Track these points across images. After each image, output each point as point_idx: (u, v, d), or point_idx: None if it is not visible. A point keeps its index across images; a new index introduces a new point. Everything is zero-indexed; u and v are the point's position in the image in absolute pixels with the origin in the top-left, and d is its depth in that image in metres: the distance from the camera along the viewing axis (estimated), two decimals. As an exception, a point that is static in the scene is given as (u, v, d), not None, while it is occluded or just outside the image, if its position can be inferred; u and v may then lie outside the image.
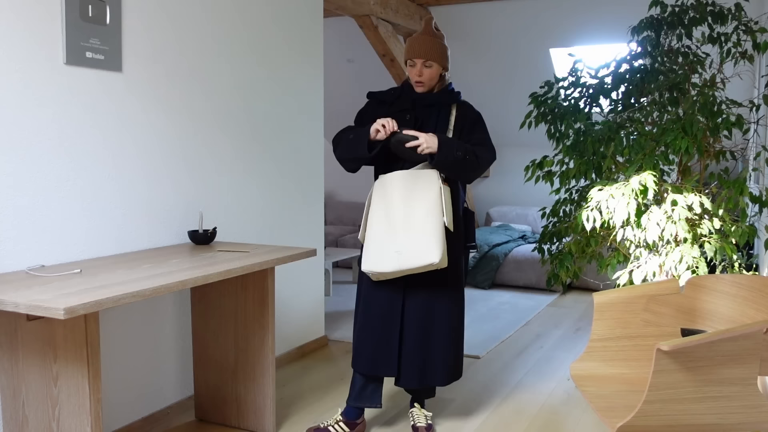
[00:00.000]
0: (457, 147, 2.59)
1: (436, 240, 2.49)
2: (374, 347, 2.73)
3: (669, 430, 1.87)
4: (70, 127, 2.52)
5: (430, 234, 2.50)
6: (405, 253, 2.51)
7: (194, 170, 3.12)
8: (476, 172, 2.67)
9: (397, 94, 2.79)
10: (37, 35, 2.38)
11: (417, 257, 2.49)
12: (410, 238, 2.51)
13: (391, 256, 2.53)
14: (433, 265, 2.48)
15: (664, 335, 2.43)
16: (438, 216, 2.53)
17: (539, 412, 3.16)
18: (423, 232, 2.51)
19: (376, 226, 2.61)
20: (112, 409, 2.77)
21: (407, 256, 2.50)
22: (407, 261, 2.50)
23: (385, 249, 2.55)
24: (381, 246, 2.56)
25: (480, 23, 6.16)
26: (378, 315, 2.73)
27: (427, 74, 2.68)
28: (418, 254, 2.49)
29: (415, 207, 2.55)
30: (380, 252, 2.56)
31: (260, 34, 3.51)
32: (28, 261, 2.39)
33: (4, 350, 2.20)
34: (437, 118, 2.74)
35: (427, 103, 2.74)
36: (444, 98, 2.75)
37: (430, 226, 2.51)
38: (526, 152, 7.50)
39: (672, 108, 3.46)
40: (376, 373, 2.74)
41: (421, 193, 2.57)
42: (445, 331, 2.75)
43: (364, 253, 2.61)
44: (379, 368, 2.73)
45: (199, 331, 2.97)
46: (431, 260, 2.47)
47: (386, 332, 2.72)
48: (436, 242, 2.49)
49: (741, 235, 3.13)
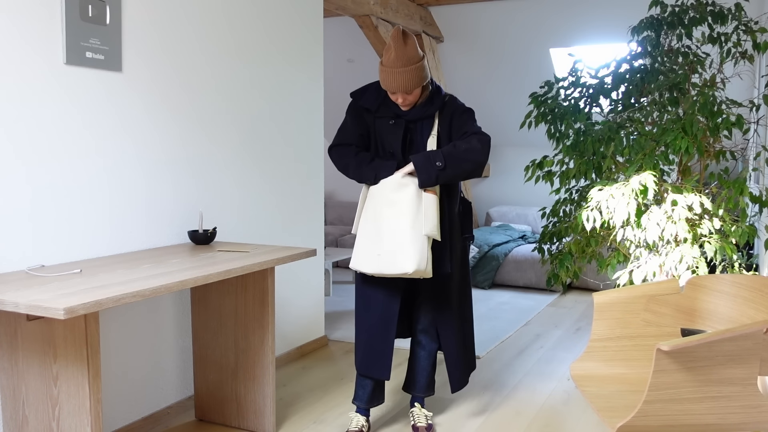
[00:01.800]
0: (435, 158, 2.55)
1: (413, 251, 2.49)
2: (369, 348, 2.74)
3: (669, 430, 1.87)
4: (70, 127, 2.52)
5: (409, 244, 2.50)
6: (384, 257, 2.53)
7: (194, 170, 3.12)
8: (474, 165, 2.59)
9: (381, 99, 2.72)
10: (37, 35, 2.38)
11: (392, 264, 2.51)
12: (390, 244, 2.53)
13: (372, 258, 2.55)
14: (407, 274, 2.49)
15: (664, 335, 2.43)
16: (417, 227, 2.53)
17: (539, 412, 3.16)
18: (402, 240, 2.51)
19: (366, 226, 2.63)
20: (112, 409, 2.77)
21: (385, 260, 2.52)
22: (384, 266, 2.52)
23: (369, 250, 2.57)
24: (366, 247, 2.59)
25: (480, 23, 6.16)
26: (375, 315, 2.74)
27: (411, 98, 2.62)
28: (394, 261, 2.51)
29: (400, 215, 2.55)
30: (365, 252, 2.58)
31: (260, 34, 3.51)
32: (28, 261, 2.39)
33: (4, 350, 2.20)
34: (422, 127, 2.71)
35: (411, 118, 2.69)
36: (428, 111, 2.68)
37: (411, 236, 2.51)
38: (526, 152, 7.50)
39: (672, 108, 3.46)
40: (368, 374, 2.75)
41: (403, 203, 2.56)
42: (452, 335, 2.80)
43: (354, 251, 2.65)
44: (371, 370, 2.74)
45: (199, 330, 2.97)
46: (405, 269, 2.48)
47: (382, 335, 2.72)
48: (413, 253, 2.49)
49: (741, 235, 3.13)
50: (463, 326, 2.88)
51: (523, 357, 4.02)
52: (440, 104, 2.69)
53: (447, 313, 2.79)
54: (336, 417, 3.08)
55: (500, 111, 7.08)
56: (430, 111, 2.68)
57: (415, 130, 2.72)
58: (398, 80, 2.55)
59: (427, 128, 2.71)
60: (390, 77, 2.55)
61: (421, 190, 2.58)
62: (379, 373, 2.73)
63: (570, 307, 5.35)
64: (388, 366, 2.72)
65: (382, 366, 2.73)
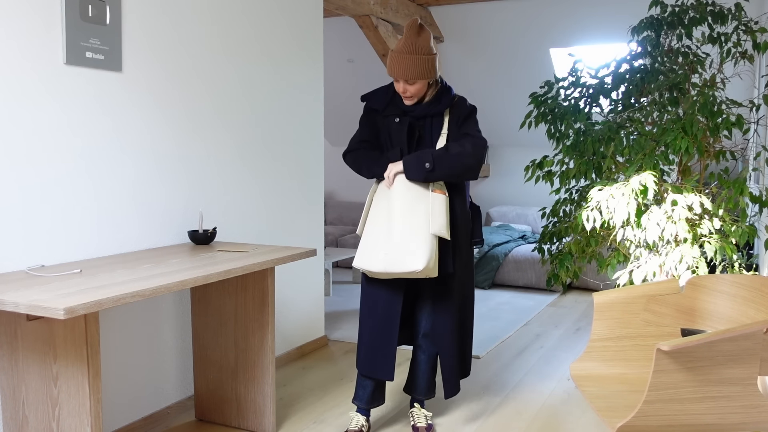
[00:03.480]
0: (424, 159, 2.56)
1: (422, 249, 2.49)
2: (372, 349, 2.74)
3: (669, 430, 1.87)
4: (70, 127, 2.52)
5: (418, 242, 2.50)
6: (392, 255, 2.52)
7: (194, 170, 3.12)
8: (463, 168, 2.58)
9: (389, 99, 2.73)
10: (37, 35, 2.38)
11: (401, 263, 2.50)
12: (399, 243, 2.52)
13: (379, 257, 2.54)
14: (416, 272, 2.49)
15: (664, 335, 2.43)
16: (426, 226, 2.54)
17: (539, 412, 3.16)
18: (411, 239, 2.51)
19: (374, 225, 2.63)
20: (112, 409, 2.77)
21: (393, 259, 2.51)
22: (392, 265, 2.51)
23: (376, 249, 2.56)
24: (374, 245, 2.58)
25: (480, 23, 6.16)
26: (378, 316, 2.74)
27: (412, 90, 2.61)
28: (403, 260, 2.50)
29: (410, 214, 2.55)
30: (371, 251, 2.57)
31: (260, 34, 3.51)
32: (28, 261, 2.39)
33: (4, 350, 2.20)
34: (431, 126, 2.71)
35: (417, 115, 2.69)
36: (434, 109, 2.68)
37: (421, 235, 2.52)
38: (526, 152, 7.50)
39: (672, 108, 3.46)
40: (372, 375, 2.75)
41: (415, 202, 2.58)
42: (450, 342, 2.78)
43: (358, 249, 2.64)
44: (375, 371, 2.74)
45: (199, 330, 2.97)
46: (414, 267, 2.48)
47: (385, 335, 2.72)
48: (422, 251, 2.49)
49: (741, 235, 3.13)
50: (462, 333, 2.88)
51: (523, 357, 4.02)
52: (448, 104, 2.69)
53: (447, 318, 2.77)
54: (336, 417, 3.08)
55: (500, 111, 7.08)
56: (437, 109, 2.68)
57: (424, 129, 2.72)
58: (401, 65, 2.55)
59: (437, 127, 2.71)
60: (394, 61, 2.57)
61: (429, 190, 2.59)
62: (383, 374, 2.73)
63: (570, 307, 5.35)
64: (392, 367, 2.72)
65: (385, 367, 2.73)
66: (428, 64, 2.56)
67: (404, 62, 2.54)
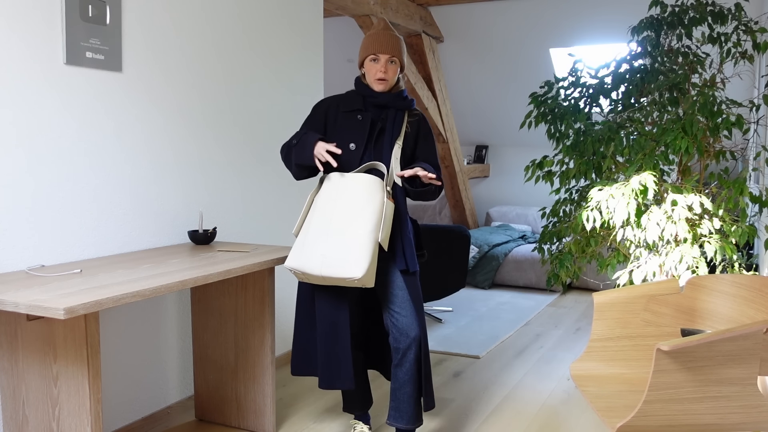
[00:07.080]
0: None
1: (364, 255, 2.32)
2: (326, 360, 2.52)
3: (669, 430, 1.87)
4: (70, 127, 2.52)
5: (361, 248, 2.33)
6: (330, 258, 2.35)
7: (194, 170, 3.12)
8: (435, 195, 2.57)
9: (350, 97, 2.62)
10: (37, 35, 2.38)
11: (339, 267, 2.33)
12: (339, 245, 2.36)
13: (317, 258, 2.37)
14: (354, 279, 2.31)
15: (664, 335, 2.43)
16: (374, 232, 2.37)
17: (539, 412, 3.16)
18: (353, 243, 2.34)
19: (313, 224, 2.45)
20: (112, 409, 2.77)
21: (331, 262, 2.34)
22: (329, 268, 2.34)
23: (314, 249, 2.39)
24: (312, 245, 2.40)
25: (480, 23, 6.16)
26: (325, 323, 2.52)
27: (391, 71, 2.52)
28: (342, 264, 2.33)
29: (355, 216, 2.38)
30: (308, 250, 2.41)
31: (260, 35, 3.51)
32: (28, 261, 2.39)
33: (4, 350, 2.20)
34: (393, 123, 2.56)
35: (380, 102, 2.54)
36: (399, 102, 2.56)
37: (364, 240, 2.34)
38: (526, 152, 7.50)
39: (672, 108, 3.46)
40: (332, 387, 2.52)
41: (364, 204, 2.40)
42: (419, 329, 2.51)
43: (293, 249, 2.47)
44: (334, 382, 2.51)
45: (199, 330, 2.97)
46: (353, 274, 2.31)
47: (336, 342, 2.51)
48: (364, 258, 2.32)
49: (741, 235, 3.13)
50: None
51: (523, 357, 4.02)
52: (409, 105, 2.59)
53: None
54: (336, 417, 3.08)
55: (500, 111, 7.08)
56: (402, 104, 2.57)
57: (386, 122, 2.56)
58: (389, 41, 2.52)
59: (397, 126, 2.56)
60: (378, 39, 2.52)
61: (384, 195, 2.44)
62: (342, 383, 2.50)
63: (570, 307, 5.35)
64: (350, 374, 2.49)
65: (344, 375, 2.50)
66: (404, 48, 2.57)
67: (390, 39, 2.52)
